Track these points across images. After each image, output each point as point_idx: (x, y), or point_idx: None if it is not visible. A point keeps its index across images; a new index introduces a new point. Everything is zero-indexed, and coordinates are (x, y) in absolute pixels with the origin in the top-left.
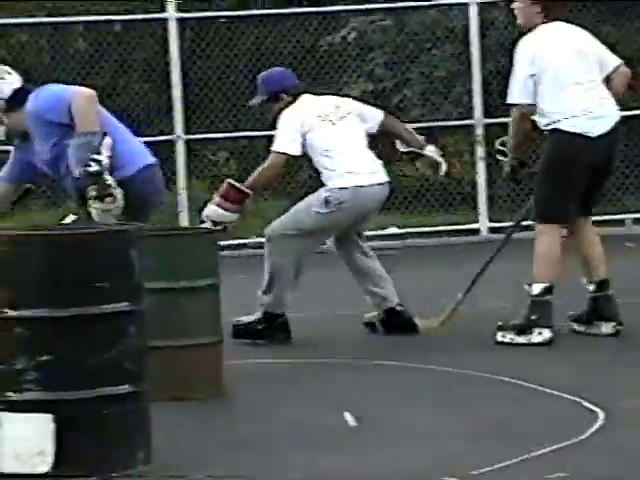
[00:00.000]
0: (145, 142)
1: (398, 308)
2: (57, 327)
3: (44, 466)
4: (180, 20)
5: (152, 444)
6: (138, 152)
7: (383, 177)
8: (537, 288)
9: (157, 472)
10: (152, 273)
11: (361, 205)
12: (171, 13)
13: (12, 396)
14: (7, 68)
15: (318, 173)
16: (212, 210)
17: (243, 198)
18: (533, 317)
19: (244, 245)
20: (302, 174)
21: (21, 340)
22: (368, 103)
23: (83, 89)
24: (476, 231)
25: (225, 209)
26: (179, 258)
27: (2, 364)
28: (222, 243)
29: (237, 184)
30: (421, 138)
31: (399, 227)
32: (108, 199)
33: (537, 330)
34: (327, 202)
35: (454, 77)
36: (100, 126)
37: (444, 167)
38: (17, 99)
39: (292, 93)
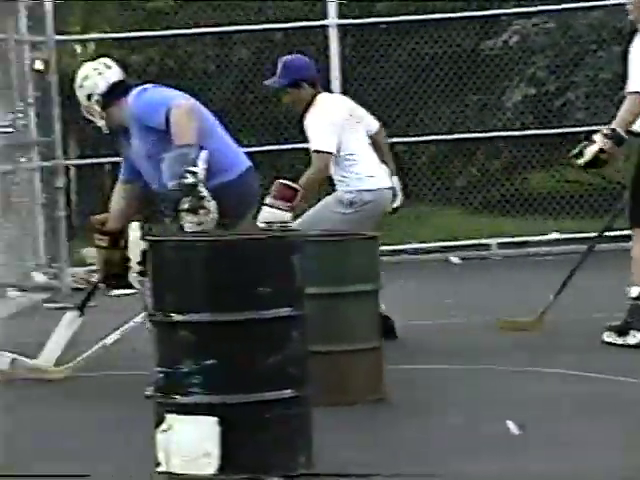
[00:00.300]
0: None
1: (384, 314)
2: (221, 331)
3: (210, 468)
4: (341, 27)
5: (313, 448)
6: (238, 156)
7: (390, 182)
8: (635, 291)
9: (319, 475)
10: (313, 278)
11: (382, 207)
12: (332, 20)
13: (179, 399)
14: (107, 61)
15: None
16: (266, 212)
17: (294, 195)
18: (630, 320)
19: (402, 251)
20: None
21: (186, 344)
22: (527, 108)
23: (183, 102)
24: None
25: (278, 208)
26: (340, 263)
27: (169, 367)
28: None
29: (287, 182)
30: (392, 167)
31: (559, 232)
32: (202, 211)
33: (632, 332)
34: (352, 203)
35: (620, 79)
36: (198, 138)
37: (398, 201)
38: (115, 93)
39: (311, 83)
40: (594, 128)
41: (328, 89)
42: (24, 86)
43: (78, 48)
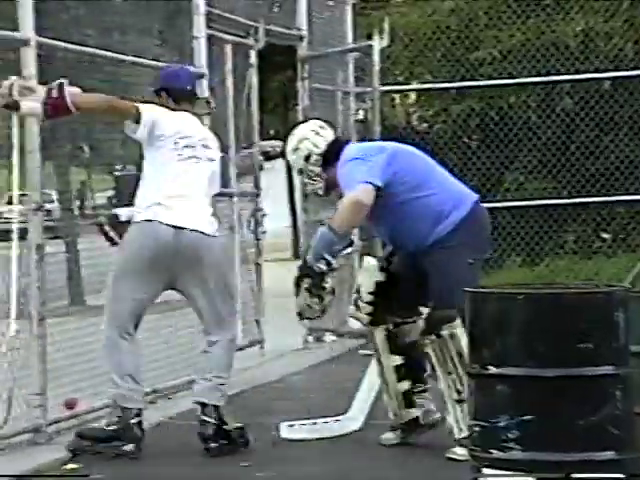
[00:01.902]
0: (629, 200)
1: None
2: (538, 387)
3: None
4: None
5: None
6: (466, 191)
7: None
8: None
9: None
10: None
11: None
12: None
13: (495, 453)
14: (320, 123)
15: None
16: None
17: None
18: None
19: None
20: None
21: (503, 398)
22: None
23: (360, 194)
24: None
25: None
26: None
27: (485, 421)
28: None
29: None
30: None
31: None
32: (314, 298)
33: None
34: None
35: None
36: (352, 228)
37: None
38: (332, 153)
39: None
40: None
41: None
42: (349, 136)
43: (397, 98)
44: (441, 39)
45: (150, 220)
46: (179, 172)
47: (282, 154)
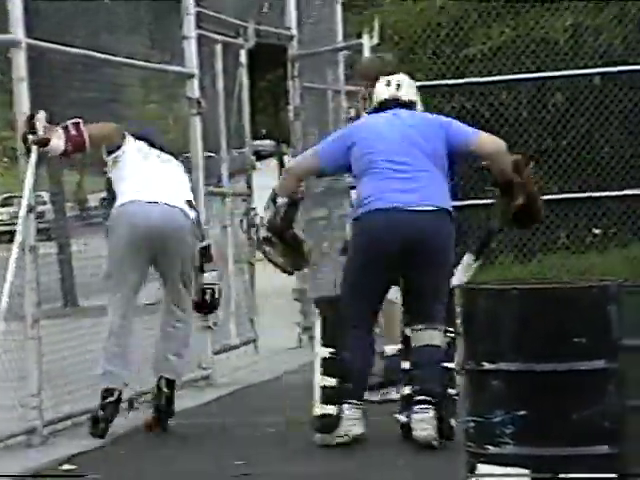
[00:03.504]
0: (620, 196)
1: None
2: (533, 382)
3: None
4: None
5: None
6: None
7: None
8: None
9: None
10: (631, 330)
11: None
12: None
13: (490, 449)
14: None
15: None
16: None
17: None
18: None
19: None
20: None
21: (498, 393)
22: None
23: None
24: None
25: None
26: None
27: (480, 417)
28: None
29: None
30: None
31: None
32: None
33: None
34: None
35: None
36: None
37: None
38: None
39: None
40: None
41: None
42: None
43: None
44: (431, 37)
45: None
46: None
47: (274, 153)
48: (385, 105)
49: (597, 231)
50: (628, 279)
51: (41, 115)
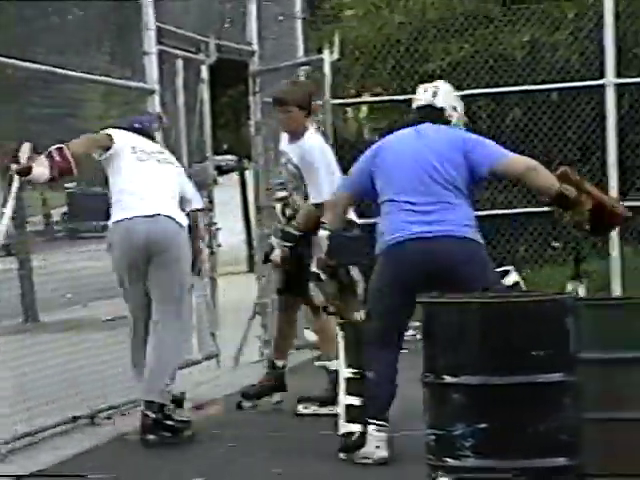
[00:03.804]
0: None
1: None
2: (493, 395)
3: None
4: (619, 86)
5: None
6: None
7: None
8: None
9: None
10: (588, 343)
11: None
12: (610, 79)
13: (450, 462)
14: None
15: None
16: None
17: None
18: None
19: None
20: None
21: (458, 406)
22: None
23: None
24: None
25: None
26: (614, 328)
27: (440, 430)
28: None
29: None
30: None
31: None
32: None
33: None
34: None
35: None
36: None
37: None
38: None
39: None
40: None
41: (603, 148)
42: None
43: (349, 111)
44: (391, 52)
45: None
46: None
47: (235, 168)
48: (420, 112)
49: (556, 244)
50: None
51: (25, 146)
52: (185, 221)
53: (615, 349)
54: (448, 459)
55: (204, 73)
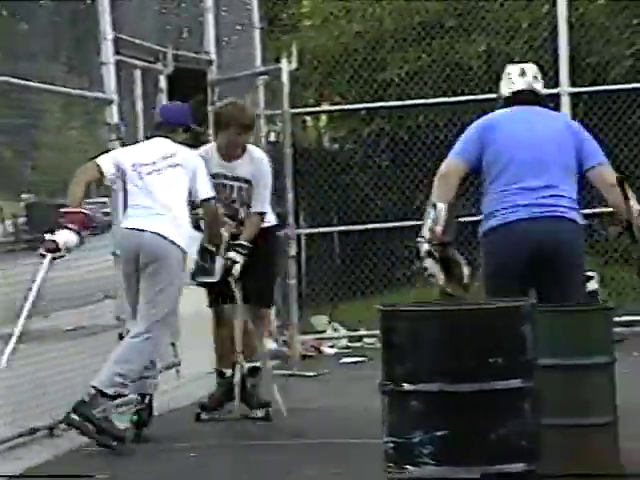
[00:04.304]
0: None
1: None
2: (451, 402)
3: None
4: (573, 94)
5: None
6: None
7: None
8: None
9: None
10: (546, 349)
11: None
12: (564, 88)
13: (409, 469)
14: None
15: None
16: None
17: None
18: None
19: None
20: None
21: (417, 414)
22: None
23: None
24: None
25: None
26: (573, 334)
27: (399, 437)
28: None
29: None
30: None
31: None
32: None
33: None
34: None
35: None
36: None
37: None
38: None
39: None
40: None
41: None
42: None
43: (308, 120)
44: (349, 61)
45: None
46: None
47: None
48: (519, 98)
49: None
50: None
51: (47, 236)
52: (177, 235)
53: (574, 355)
54: (407, 467)
55: (162, 83)
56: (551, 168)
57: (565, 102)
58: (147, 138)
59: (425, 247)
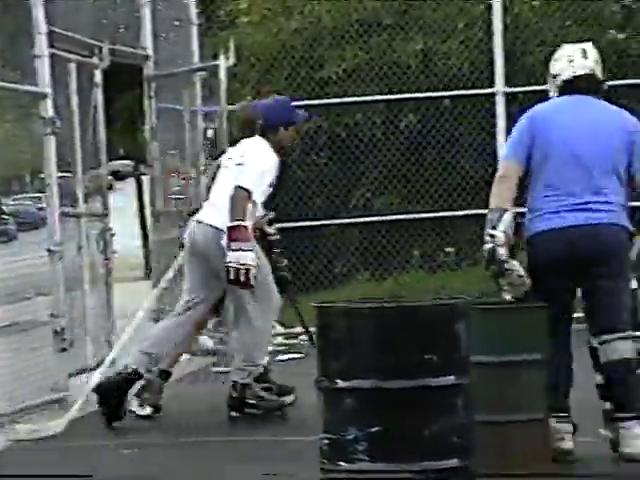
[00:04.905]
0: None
1: None
2: (386, 399)
3: None
4: (508, 94)
5: None
6: None
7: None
8: None
9: None
10: (479, 346)
11: None
12: (499, 88)
13: (344, 465)
14: None
15: None
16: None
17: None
18: None
19: None
20: None
21: (351, 410)
22: None
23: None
24: None
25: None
26: (506, 331)
27: (334, 434)
28: None
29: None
30: None
31: None
32: (508, 274)
33: None
34: None
35: None
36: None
37: None
38: None
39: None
40: None
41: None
42: (197, 154)
43: None
44: (287, 58)
45: None
46: None
47: (132, 173)
48: (577, 85)
49: (449, 250)
50: (483, 297)
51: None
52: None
53: (506, 352)
54: (342, 463)
55: (98, 77)
56: (598, 169)
57: (500, 101)
58: None
59: (502, 250)
